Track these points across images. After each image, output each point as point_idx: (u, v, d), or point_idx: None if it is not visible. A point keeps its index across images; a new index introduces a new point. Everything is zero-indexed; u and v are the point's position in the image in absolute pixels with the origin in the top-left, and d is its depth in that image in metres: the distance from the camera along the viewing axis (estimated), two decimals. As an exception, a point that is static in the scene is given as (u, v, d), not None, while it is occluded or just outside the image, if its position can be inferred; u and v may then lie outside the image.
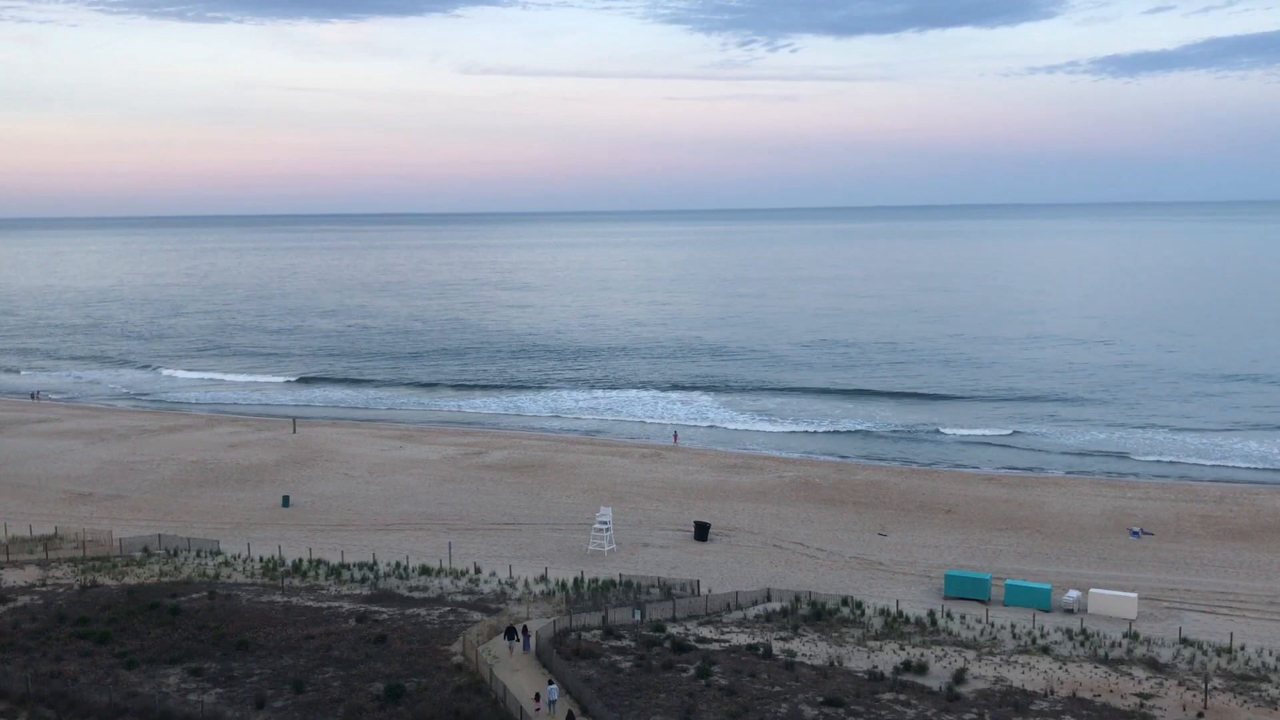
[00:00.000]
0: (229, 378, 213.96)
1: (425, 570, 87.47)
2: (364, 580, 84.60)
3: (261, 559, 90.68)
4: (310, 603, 77.94)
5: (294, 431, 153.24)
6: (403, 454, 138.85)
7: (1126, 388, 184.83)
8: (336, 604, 77.76)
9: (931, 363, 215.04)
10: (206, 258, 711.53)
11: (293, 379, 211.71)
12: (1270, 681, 64.85)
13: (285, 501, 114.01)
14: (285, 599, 78.60)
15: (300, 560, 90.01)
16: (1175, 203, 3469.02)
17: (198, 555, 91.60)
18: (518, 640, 68.50)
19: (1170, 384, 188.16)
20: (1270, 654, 70.54)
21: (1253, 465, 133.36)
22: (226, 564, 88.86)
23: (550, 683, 60.21)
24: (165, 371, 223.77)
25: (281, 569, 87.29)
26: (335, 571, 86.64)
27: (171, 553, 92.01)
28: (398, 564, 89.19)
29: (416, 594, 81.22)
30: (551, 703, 59.30)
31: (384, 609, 76.45)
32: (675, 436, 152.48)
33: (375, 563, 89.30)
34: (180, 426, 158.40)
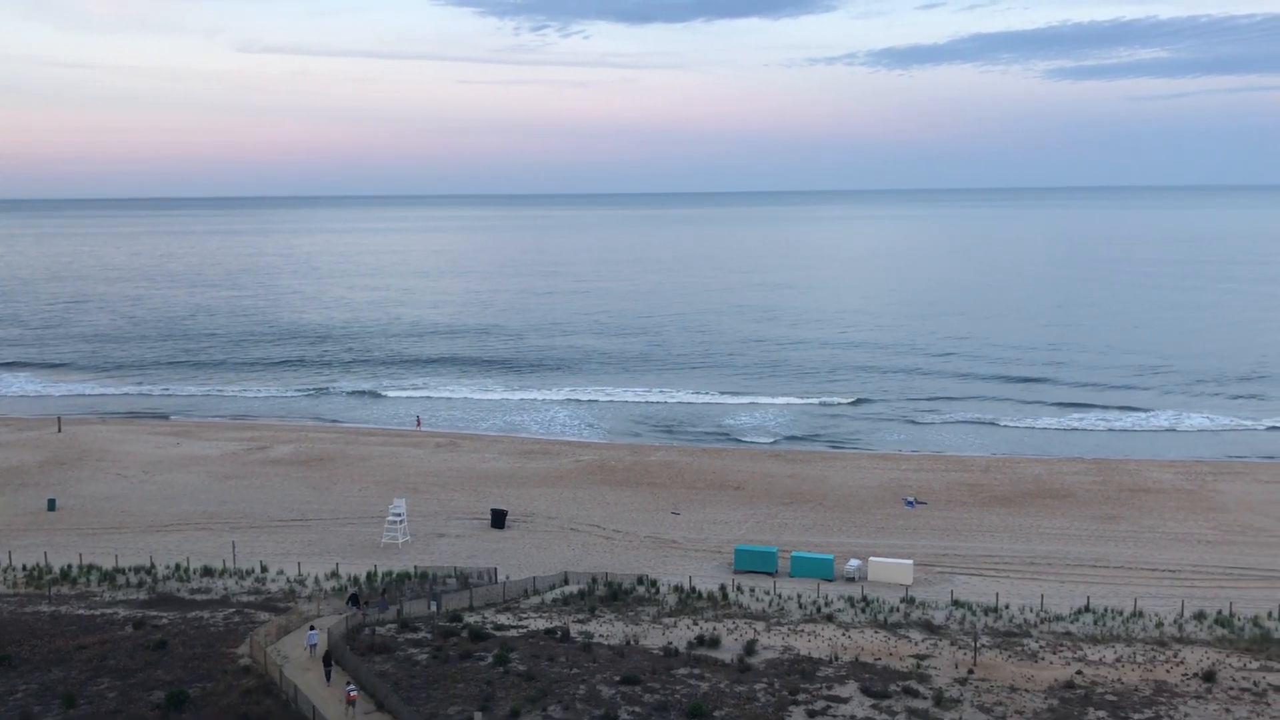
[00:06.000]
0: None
1: (208, 571, 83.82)
2: (141, 585, 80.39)
3: (25, 567, 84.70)
4: (81, 611, 73.54)
5: (59, 430, 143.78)
6: (180, 450, 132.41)
7: (900, 375, 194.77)
8: (111, 611, 73.66)
9: (724, 349, 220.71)
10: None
11: (58, 375, 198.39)
12: (1031, 637, 69.84)
13: (51, 505, 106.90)
14: (53, 608, 73.87)
15: (69, 566, 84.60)
16: (944, 190, 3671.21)
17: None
18: (358, 607, 70.22)
19: (947, 372, 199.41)
20: (1031, 611, 75.94)
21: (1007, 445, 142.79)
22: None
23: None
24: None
25: (48, 577, 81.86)
26: (109, 577, 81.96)
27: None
28: (178, 566, 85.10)
29: (199, 596, 77.80)
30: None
31: (163, 613, 72.86)
32: (419, 421, 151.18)
33: (153, 566, 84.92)
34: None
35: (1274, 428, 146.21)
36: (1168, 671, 63.50)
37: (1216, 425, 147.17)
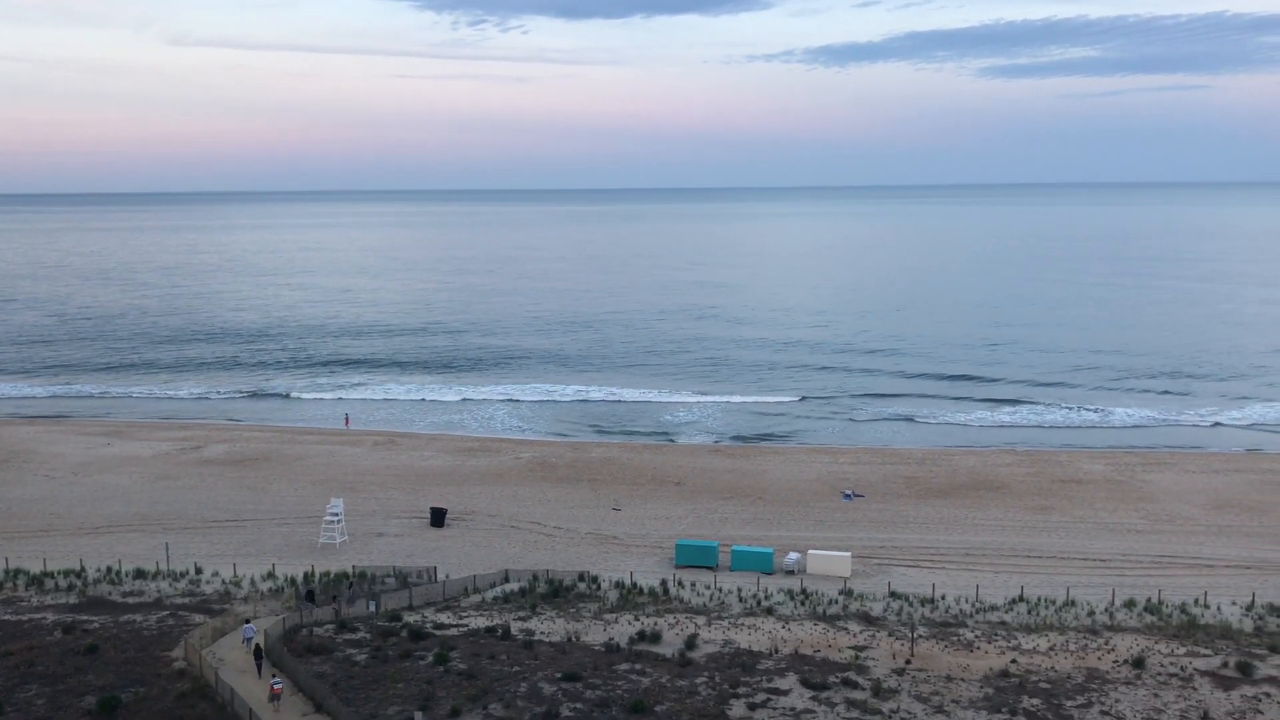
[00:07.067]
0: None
1: (140, 574, 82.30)
2: (71, 588, 78.71)
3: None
4: (8, 616, 71.86)
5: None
6: (111, 451, 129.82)
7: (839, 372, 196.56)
8: (39, 615, 72.07)
9: (666, 346, 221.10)
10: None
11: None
12: (966, 626, 70.92)
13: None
14: (-22, 614, 72.08)
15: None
16: (881, 186, 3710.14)
17: None
18: (314, 603, 70.28)
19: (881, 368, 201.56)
20: (966, 601, 77.11)
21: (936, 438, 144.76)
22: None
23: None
24: None
25: (-27, 582, 79.85)
26: (37, 581, 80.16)
27: None
28: (109, 569, 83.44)
29: (131, 599, 76.36)
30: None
31: (95, 617, 71.46)
32: (347, 420, 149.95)
33: (83, 569, 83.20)
34: None
35: (1219, 423, 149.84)
36: (1099, 659, 64.85)
37: (1145, 419, 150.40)
